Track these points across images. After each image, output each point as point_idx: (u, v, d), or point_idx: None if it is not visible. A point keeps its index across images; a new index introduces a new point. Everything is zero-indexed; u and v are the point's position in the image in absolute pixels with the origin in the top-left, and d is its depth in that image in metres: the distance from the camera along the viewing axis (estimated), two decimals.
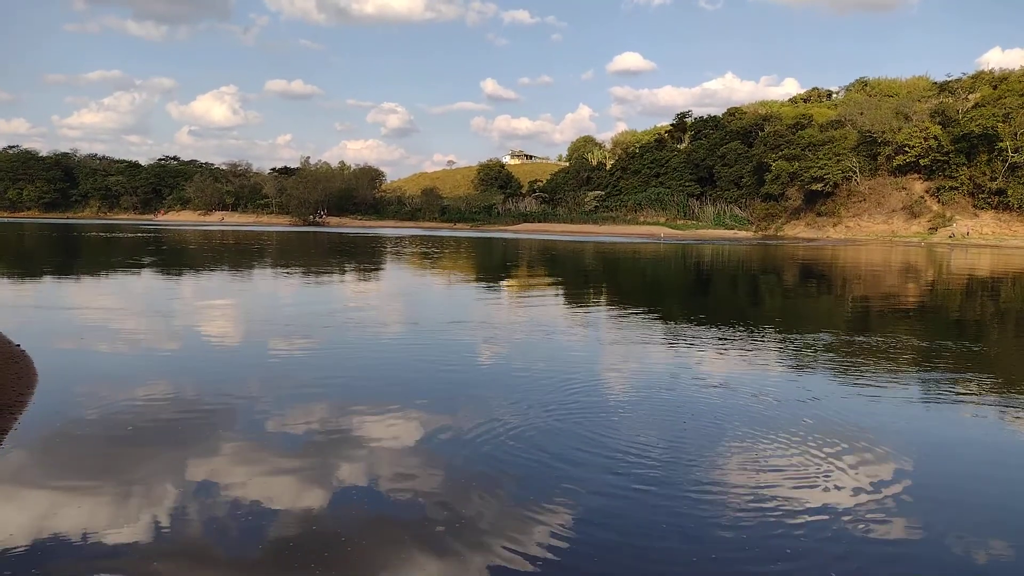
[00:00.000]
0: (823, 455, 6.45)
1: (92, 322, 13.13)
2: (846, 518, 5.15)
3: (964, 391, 8.98)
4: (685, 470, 6.03)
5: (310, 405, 7.78)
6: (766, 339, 12.57)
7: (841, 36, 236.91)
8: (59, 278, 22.55)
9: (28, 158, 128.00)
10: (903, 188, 71.67)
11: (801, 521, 5.08)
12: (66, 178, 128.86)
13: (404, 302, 18.35)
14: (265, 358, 10.49)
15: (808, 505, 5.35)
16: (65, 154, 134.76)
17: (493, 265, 33.64)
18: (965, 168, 67.59)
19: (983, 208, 66.79)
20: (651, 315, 15.98)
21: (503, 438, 6.73)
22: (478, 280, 25.06)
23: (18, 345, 10.14)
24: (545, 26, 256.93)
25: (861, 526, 5.02)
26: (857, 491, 5.64)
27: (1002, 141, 63.84)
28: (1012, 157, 63.80)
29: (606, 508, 5.24)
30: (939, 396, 8.75)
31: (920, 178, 71.05)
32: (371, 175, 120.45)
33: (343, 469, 5.91)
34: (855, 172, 72.88)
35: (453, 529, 4.83)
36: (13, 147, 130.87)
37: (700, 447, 6.64)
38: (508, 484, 5.65)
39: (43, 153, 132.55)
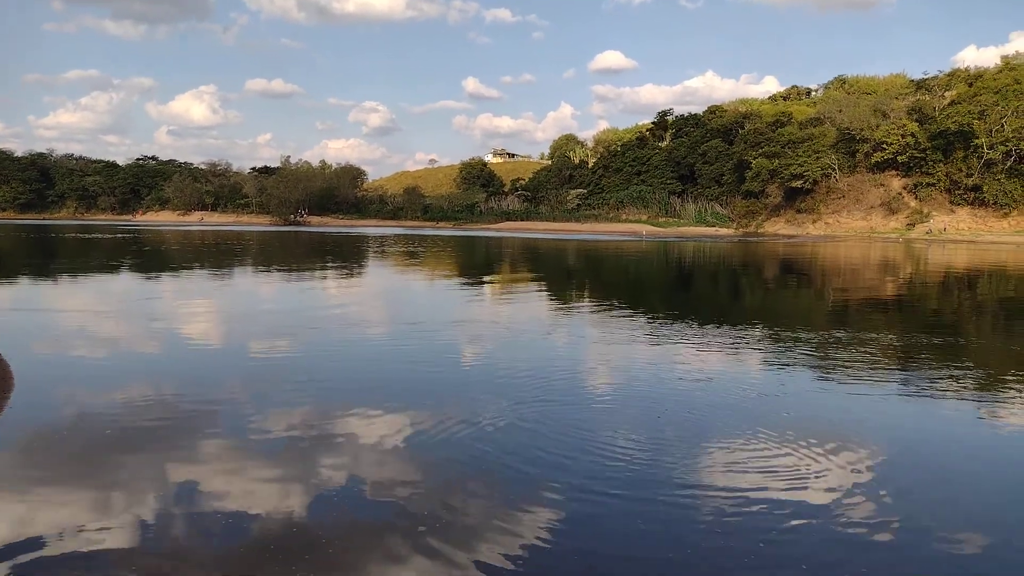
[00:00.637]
0: (805, 451, 6.51)
1: (70, 325, 12.97)
2: (829, 516, 5.20)
3: (945, 385, 9.10)
4: (667, 468, 6.06)
5: (292, 407, 7.73)
6: (748, 335, 12.66)
7: (820, 34, 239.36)
8: (36, 280, 22.23)
9: (3, 158, 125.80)
10: (881, 185, 72.51)
11: (782, 519, 5.13)
12: (42, 179, 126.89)
13: (389, 302, 18.29)
14: (246, 360, 10.42)
15: (790, 503, 5.39)
16: (41, 154, 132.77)
17: (478, 264, 33.61)
18: (942, 165, 68.49)
19: (959, 204, 67.71)
20: (634, 312, 16.04)
21: (485, 440, 6.74)
22: (463, 279, 25.02)
23: None
24: (527, 24, 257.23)
25: (844, 524, 5.07)
26: (840, 488, 5.70)
27: (978, 138, 64.72)
28: (987, 154, 64.73)
29: (587, 506, 5.26)
30: (921, 391, 8.86)
31: (898, 175, 71.93)
32: (352, 174, 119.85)
33: (323, 471, 5.88)
34: (834, 169, 73.61)
35: (433, 531, 4.82)
36: None
37: (681, 444, 6.67)
38: (490, 486, 5.65)
39: (18, 153, 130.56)
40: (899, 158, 70.00)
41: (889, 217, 70.39)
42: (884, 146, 70.38)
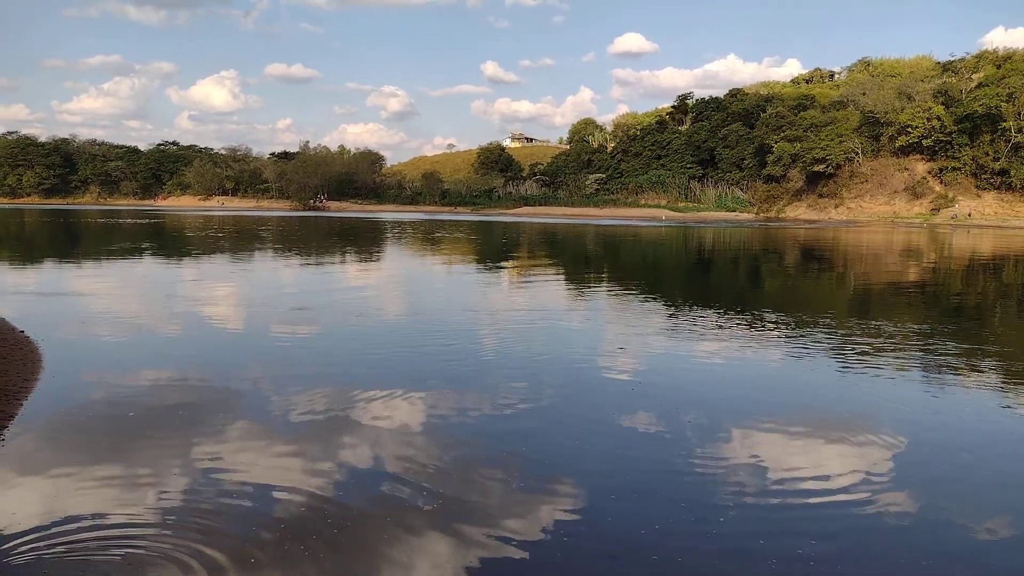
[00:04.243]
0: (821, 438, 6.49)
1: (96, 308, 13.17)
2: (845, 502, 5.19)
3: (964, 374, 9.01)
4: (687, 453, 6.07)
5: (311, 389, 7.82)
6: (765, 322, 12.58)
7: (845, 16, 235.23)
8: (61, 264, 22.57)
9: (27, 144, 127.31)
10: (905, 169, 71.37)
11: (799, 504, 5.13)
12: (65, 164, 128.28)
13: (410, 288, 18.39)
14: (268, 343, 10.53)
15: (806, 489, 5.39)
16: (64, 140, 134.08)
17: (497, 250, 33.62)
18: (968, 148, 67.26)
19: (985, 189, 66.53)
20: (652, 298, 15.99)
21: (502, 423, 6.79)
22: (483, 265, 25.05)
23: (22, 331, 10.18)
24: (547, 8, 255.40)
25: (861, 510, 5.06)
26: (858, 473, 5.68)
27: (1005, 121, 63.47)
28: (1015, 137, 63.47)
29: (606, 488, 5.29)
30: (939, 379, 8.77)
31: (923, 159, 70.73)
32: (371, 159, 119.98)
33: (342, 452, 5.96)
34: (857, 153, 72.56)
35: (450, 511, 4.87)
36: (12, 133, 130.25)
37: (701, 429, 6.68)
38: (507, 468, 5.69)
39: (42, 139, 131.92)
40: (924, 142, 68.80)
41: (913, 202, 69.32)
42: (909, 130, 69.19)
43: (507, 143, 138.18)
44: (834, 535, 4.63)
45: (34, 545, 4.35)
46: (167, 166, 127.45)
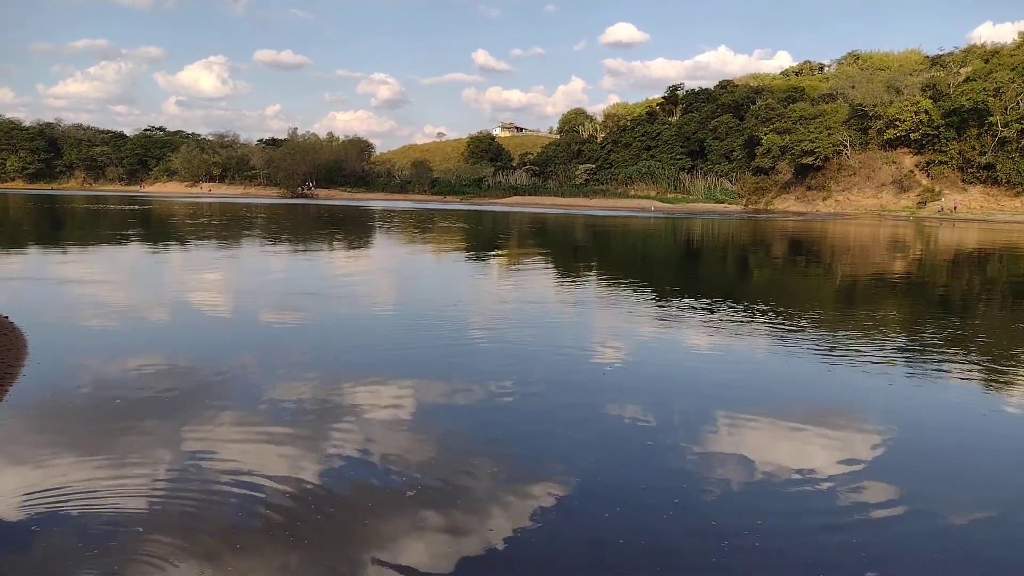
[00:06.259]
0: (810, 430, 6.55)
1: (81, 294, 13.07)
2: (832, 493, 5.25)
3: (950, 365, 9.10)
4: (674, 443, 6.12)
5: (300, 378, 7.81)
6: (752, 313, 12.65)
7: (835, 9, 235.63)
8: (46, 250, 22.35)
9: (11, 128, 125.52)
10: (893, 162, 71.70)
11: (783, 500, 5.18)
12: (50, 148, 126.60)
13: (399, 277, 18.35)
14: (256, 331, 10.50)
15: (793, 481, 5.45)
16: (49, 124, 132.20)
17: (488, 239, 33.58)
18: (955, 142, 67.62)
19: (972, 182, 66.97)
20: (639, 288, 16.04)
21: (490, 413, 6.81)
22: (473, 254, 25.03)
23: (6, 317, 10.09)
24: None
25: (848, 504, 5.12)
26: (842, 465, 5.74)
27: (992, 115, 63.82)
28: (1002, 132, 63.86)
29: (592, 479, 5.33)
30: (926, 370, 8.86)
31: (910, 152, 71.07)
32: (360, 147, 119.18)
33: (331, 442, 5.96)
34: (846, 146, 72.81)
35: (439, 501, 4.90)
36: None
37: (684, 420, 6.73)
38: (495, 459, 5.72)
39: (26, 123, 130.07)
40: (912, 135, 69.09)
41: (900, 195, 69.71)
42: (897, 123, 69.43)
43: (497, 132, 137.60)
44: (812, 522, 4.69)
45: (12, 534, 4.33)
46: (153, 152, 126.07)
